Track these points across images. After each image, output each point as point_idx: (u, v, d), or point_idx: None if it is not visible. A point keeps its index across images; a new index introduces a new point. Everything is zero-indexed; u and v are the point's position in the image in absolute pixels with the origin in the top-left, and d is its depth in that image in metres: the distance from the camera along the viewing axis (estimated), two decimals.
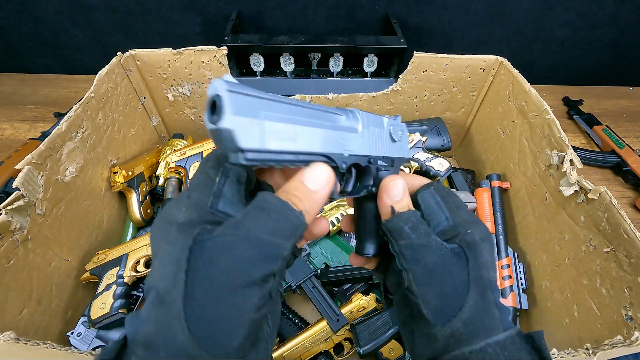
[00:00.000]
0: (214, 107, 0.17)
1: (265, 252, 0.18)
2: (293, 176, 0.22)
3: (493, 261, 0.27)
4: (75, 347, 0.43)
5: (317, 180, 0.21)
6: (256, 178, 0.25)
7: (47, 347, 0.35)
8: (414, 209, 0.27)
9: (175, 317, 0.16)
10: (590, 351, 0.37)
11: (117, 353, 0.17)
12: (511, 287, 0.58)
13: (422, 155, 0.73)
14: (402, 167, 0.74)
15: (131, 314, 0.18)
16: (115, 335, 0.54)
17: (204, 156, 0.72)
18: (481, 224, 0.27)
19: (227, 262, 0.17)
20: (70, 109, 0.55)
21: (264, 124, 0.18)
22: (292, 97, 0.76)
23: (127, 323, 0.18)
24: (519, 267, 0.60)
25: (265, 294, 0.18)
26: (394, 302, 0.30)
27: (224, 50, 0.69)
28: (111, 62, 0.64)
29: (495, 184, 0.67)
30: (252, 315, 0.17)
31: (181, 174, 0.74)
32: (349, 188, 0.29)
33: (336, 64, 0.91)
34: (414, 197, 0.29)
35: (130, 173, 0.67)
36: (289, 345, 0.54)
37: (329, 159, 0.23)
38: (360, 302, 0.57)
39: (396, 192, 0.27)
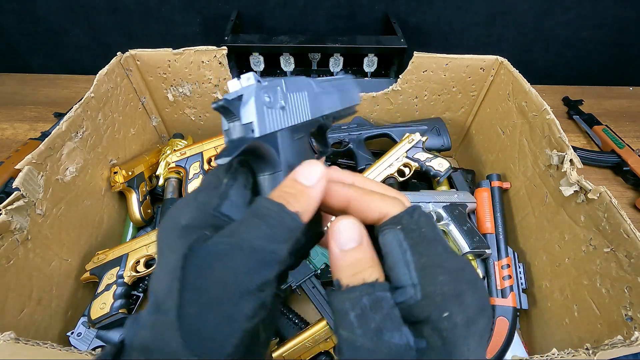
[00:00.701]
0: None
1: (260, 261, 0.18)
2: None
3: (484, 354, 0.19)
4: (75, 347, 0.43)
5: (311, 175, 0.20)
6: None
7: (47, 347, 0.35)
8: (375, 274, 0.19)
9: (170, 326, 0.16)
10: (590, 351, 0.37)
11: (115, 355, 0.17)
12: (511, 287, 0.58)
13: (422, 155, 0.73)
14: (400, 168, 0.75)
15: (131, 317, 0.19)
16: (115, 335, 0.54)
17: (204, 156, 0.73)
18: (472, 289, 0.18)
19: (220, 273, 0.17)
20: (70, 109, 0.55)
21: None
22: None
23: (127, 326, 0.18)
24: (519, 267, 0.60)
25: (260, 303, 0.18)
26: None
27: (224, 50, 0.69)
28: (111, 62, 0.64)
29: (495, 184, 0.67)
30: (245, 324, 0.17)
31: (181, 174, 0.73)
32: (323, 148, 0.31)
33: (336, 64, 0.91)
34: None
35: (130, 173, 0.67)
36: (289, 345, 0.54)
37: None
38: None
39: (345, 238, 0.20)
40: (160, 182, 0.73)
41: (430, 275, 0.18)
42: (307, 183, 0.20)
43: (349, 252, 0.20)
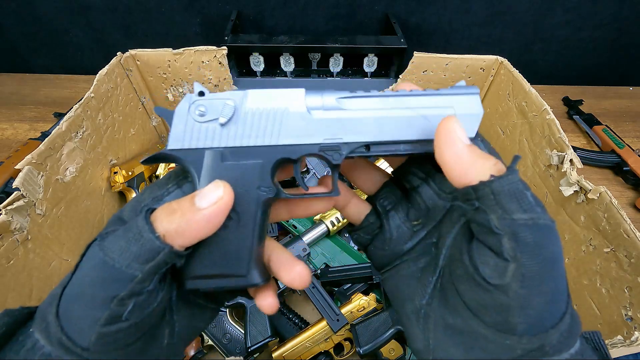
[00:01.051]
0: None
1: (113, 275, 0.18)
2: None
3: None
4: None
5: (207, 196, 0.19)
6: None
7: None
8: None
9: (53, 302, 0.19)
10: None
11: (21, 319, 0.20)
12: None
13: None
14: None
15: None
16: None
17: None
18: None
19: (90, 273, 0.18)
20: (70, 109, 0.55)
21: None
22: None
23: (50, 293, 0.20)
24: None
25: (113, 315, 0.18)
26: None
27: (224, 50, 0.68)
28: (111, 62, 0.64)
29: None
30: (100, 328, 0.18)
31: None
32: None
33: (336, 64, 0.91)
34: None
35: (130, 173, 0.67)
36: (289, 345, 0.54)
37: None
38: (360, 302, 0.57)
39: (462, 134, 0.19)
40: None
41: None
42: (198, 204, 0.19)
43: (472, 146, 0.19)
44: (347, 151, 0.22)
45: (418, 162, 0.24)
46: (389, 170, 0.28)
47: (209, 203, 0.19)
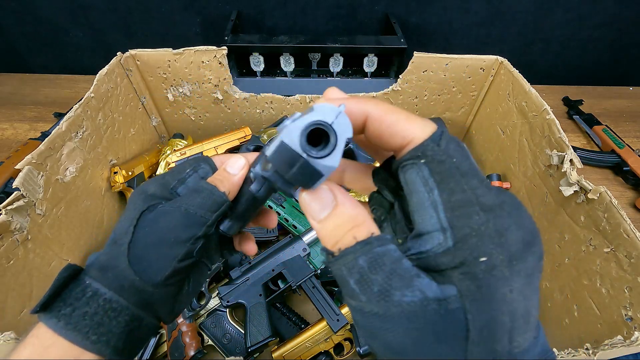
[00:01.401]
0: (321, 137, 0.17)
1: (192, 220, 0.24)
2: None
3: (536, 296, 0.16)
4: None
5: (235, 165, 0.26)
6: None
7: None
8: (366, 229, 0.17)
9: (122, 253, 0.23)
10: (590, 351, 0.37)
11: (75, 272, 0.23)
12: None
13: None
14: None
15: (93, 254, 0.25)
16: None
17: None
18: (516, 222, 0.16)
19: (163, 224, 0.24)
20: (70, 109, 0.55)
21: None
22: (292, 97, 0.76)
23: (89, 259, 0.25)
24: None
25: (187, 251, 0.24)
26: None
27: (224, 50, 0.68)
28: (111, 62, 0.64)
29: (495, 184, 0.67)
30: (175, 263, 0.24)
31: None
32: None
33: (336, 64, 0.91)
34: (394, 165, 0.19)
35: (130, 173, 0.67)
36: (289, 345, 0.54)
37: None
38: None
39: (315, 209, 0.18)
40: None
41: (464, 216, 0.15)
42: (231, 172, 0.26)
43: (325, 221, 0.17)
44: None
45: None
46: None
47: (238, 169, 0.26)
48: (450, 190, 0.16)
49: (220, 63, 0.70)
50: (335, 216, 0.17)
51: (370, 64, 0.91)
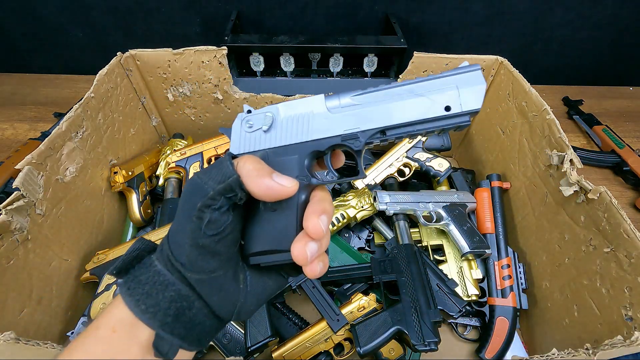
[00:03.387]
0: None
1: (196, 189, 0.24)
2: None
3: None
4: None
5: (280, 179, 0.25)
6: None
7: (47, 347, 0.35)
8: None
9: (166, 235, 0.26)
10: (590, 351, 0.37)
11: (147, 249, 0.26)
12: (511, 287, 0.58)
13: (422, 155, 0.73)
14: (401, 168, 0.75)
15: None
16: None
17: (204, 156, 0.73)
18: None
19: (184, 195, 0.25)
20: (70, 109, 0.55)
21: None
22: (293, 97, 0.76)
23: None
24: (519, 267, 0.60)
25: (197, 227, 0.24)
26: None
27: (224, 50, 0.68)
28: (111, 62, 0.64)
29: (495, 184, 0.67)
30: (190, 242, 0.24)
31: (181, 174, 0.74)
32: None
33: (336, 64, 0.91)
34: None
35: (130, 173, 0.67)
36: (289, 345, 0.54)
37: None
38: (360, 302, 0.57)
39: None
40: (160, 182, 0.73)
41: None
42: (272, 176, 0.25)
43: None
44: (365, 138, 0.27)
45: None
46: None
47: (278, 184, 0.25)
48: None
49: (220, 63, 0.70)
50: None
51: (370, 64, 0.91)
